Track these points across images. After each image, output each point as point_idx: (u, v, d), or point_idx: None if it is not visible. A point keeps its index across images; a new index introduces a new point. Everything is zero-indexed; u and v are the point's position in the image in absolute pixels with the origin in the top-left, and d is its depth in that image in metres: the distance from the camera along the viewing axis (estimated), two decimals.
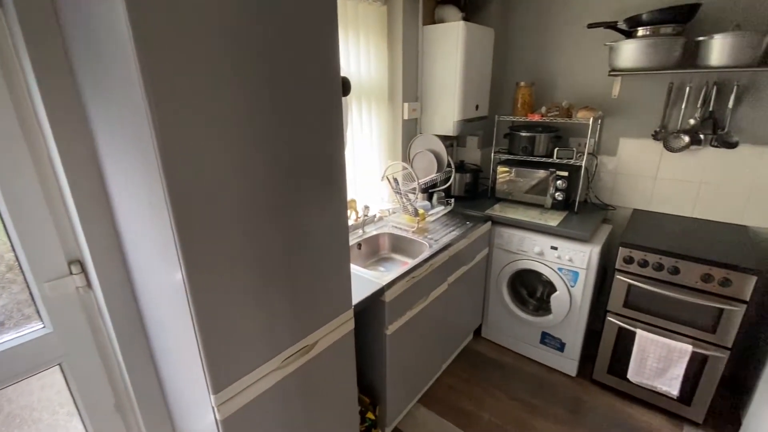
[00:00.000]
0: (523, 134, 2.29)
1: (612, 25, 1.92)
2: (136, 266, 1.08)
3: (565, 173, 2.16)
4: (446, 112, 2.21)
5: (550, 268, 2.08)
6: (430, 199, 2.34)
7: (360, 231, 1.97)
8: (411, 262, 1.65)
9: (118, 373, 1.24)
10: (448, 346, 2.17)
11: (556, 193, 2.21)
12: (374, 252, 2.01)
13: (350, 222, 1.97)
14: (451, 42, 2.07)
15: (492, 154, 2.45)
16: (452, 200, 2.30)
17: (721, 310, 1.64)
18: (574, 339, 2.11)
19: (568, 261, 2.00)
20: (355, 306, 1.33)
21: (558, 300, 2.09)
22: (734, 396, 1.95)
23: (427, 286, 1.77)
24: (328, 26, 0.99)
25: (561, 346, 2.18)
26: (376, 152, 2.15)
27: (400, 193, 1.97)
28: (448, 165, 2.21)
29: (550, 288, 2.16)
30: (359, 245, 1.89)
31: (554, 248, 2.03)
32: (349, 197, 1.99)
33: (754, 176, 1.90)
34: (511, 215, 2.19)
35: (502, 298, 2.32)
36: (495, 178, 2.45)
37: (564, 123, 2.23)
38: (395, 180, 1.99)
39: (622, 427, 1.88)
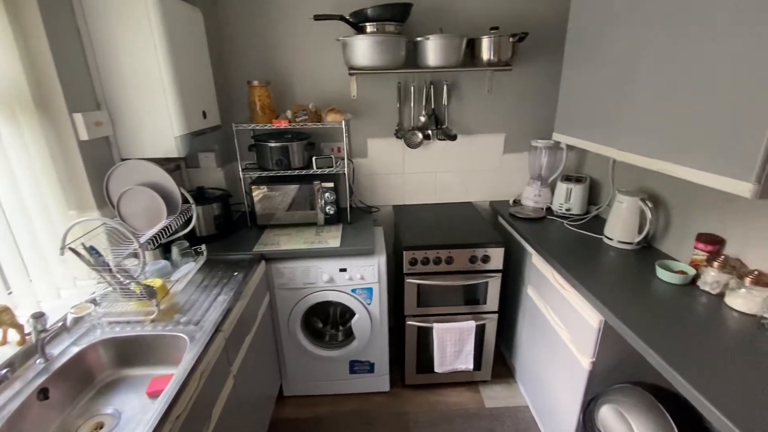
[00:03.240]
0: (273, 145, 1.88)
1: (340, 18, 1.76)
2: None
3: (331, 183, 1.92)
4: (160, 124, 1.49)
5: (344, 292, 1.82)
6: (167, 255, 1.58)
7: (36, 361, 1.04)
8: (166, 391, 0.96)
9: None
10: None
11: (327, 207, 1.95)
12: (84, 384, 1.12)
13: (8, 353, 1.00)
14: (139, 17, 1.35)
15: (240, 173, 1.91)
16: (203, 246, 1.64)
17: (487, 282, 1.85)
18: (381, 355, 1.98)
19: (360, 279, 1.79)
20: None
21: (359, 324, 1.87)
22: (505, 347, 2.33)
23: (206, 406, 1.12)
24: None
25: (371, 367, 2.01)
26: (36, 206, 1.20)
27: (108, 270, 1.15)
28: (185, 200, 1.52)
29: (342, 307, 1.93)
30: (42, 392, 0.98)
31: (343, 270, 1.78)
32: None
33: (469, 161, 2.26)
34: (286, 246, 1.77)
35: (300, 344, 1.90)
36: (252, 202, 1.94)
37: (315, 128, 1.96)
38: (92, 249, 1.14)
39: (441, 418, 1.90)
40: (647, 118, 1.27)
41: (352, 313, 1.86)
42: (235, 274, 1.56)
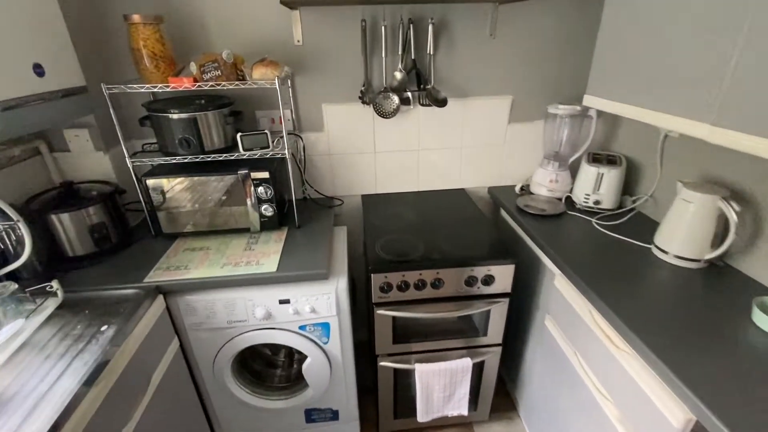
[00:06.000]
0: (174, 116, 1.24)
1: None
2: None
3: (265, 174, 1.32)
4: None
5: (288, 331, 1.28)
6: None
7: None
8: None
9: None
10: None
11: (263, 207, 1.37)
12: None
13: None
14: None
15: (127, 160, 1.29)
16: (54, 284, 1.04)
17: (489, 311, 1.34)
18: (347, 400, 1.48)
19: (310, 313, 1.25)
20: None
21: (312, 370, 1.36)
22: (507, 372, 1.86)
23: None
24: None
25: (334, 415, 1.52)
26: None
27: None
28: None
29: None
30: None
31: (285, 302, 1.23)
32: None
33: (463, 134, 1.67)
34: (196, 270, 1.20)
35: (233, 395, 1.39)
36: (151, 201, 1.33)
37: (236, 89, 1.32)
38: None
39: None
40: None
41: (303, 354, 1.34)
42: (104, 328, 0.99)
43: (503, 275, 1.28)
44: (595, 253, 1.22)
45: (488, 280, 1.27)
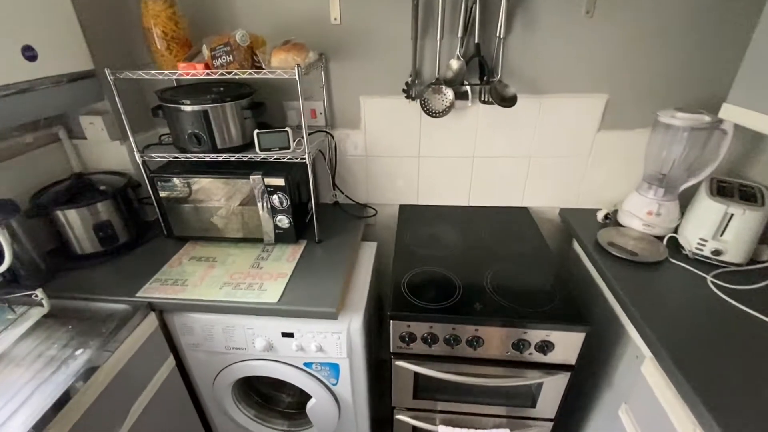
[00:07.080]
0: (185, 108, 1.08)
1: None
2: None
3: (280, 181, 1.11)
4: None
5: (292, 366, 1.10)
6: None
7: None
8: None
9: None
10: None
11: (277, 218, 1.17)
12: None
13: None
14: None
15: (136, 154, 1.16)
16: (38, 292, 0.95)
17: (542, 384, 1.03)
18: None
19: (317, 352, 1.05)
20: None
21: (317, 410, 1.17)
22: None
23: None
24: None
25: None
26: None
27: None
28: None
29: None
30: None
31: (288, 335, 1.04)
32: None
33: (534, 140, 1.32)
34: (197, 288, 1.04)
35: (235, 420, 1.26)
36: (159, 200, 1.20)
37: (250, 78, 1.09)
38: None
39: None
40: None
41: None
42: (78, 353, 0.88)
43: (568, 344, 0.96)
44: (711, 334, 0.85)
45: (545, 347, 0.96)
